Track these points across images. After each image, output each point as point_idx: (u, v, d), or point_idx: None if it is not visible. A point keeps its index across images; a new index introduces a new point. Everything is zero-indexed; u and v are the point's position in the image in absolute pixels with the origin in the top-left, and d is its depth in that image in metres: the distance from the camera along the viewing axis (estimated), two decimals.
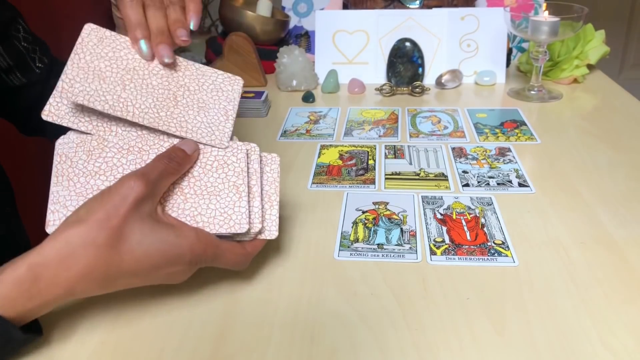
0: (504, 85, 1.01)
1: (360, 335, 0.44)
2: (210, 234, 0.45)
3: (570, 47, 1.00)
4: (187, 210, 0.46)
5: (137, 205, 0.41)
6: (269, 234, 0.49)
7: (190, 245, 0.43)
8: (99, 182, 0.46)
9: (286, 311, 0.47)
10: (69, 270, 0.39)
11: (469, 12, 1.02)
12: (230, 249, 0.46)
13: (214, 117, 0.50)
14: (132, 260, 0.41)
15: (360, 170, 0.71)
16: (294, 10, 1.16)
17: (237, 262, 0.47)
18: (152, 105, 0.48)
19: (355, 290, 0.49)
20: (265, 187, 0.50)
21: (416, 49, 1.00)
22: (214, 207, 0.46)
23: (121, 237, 0.40)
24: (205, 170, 0.48)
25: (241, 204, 0.47)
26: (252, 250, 0.48)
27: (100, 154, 0.47)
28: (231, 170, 0.48)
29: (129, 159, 0.47)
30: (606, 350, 0.42)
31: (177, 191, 0.47)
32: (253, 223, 0.47)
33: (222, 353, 0.43)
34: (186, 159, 0.47)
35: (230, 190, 0.47)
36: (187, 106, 0.49)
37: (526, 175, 0.68)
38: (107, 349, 0.44)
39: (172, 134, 0.48)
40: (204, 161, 0.48)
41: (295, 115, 0.90)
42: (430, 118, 0.87)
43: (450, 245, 0.55)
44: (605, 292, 0.48)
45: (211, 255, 0.45)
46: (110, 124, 0.48)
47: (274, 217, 0.49)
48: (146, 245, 0.41)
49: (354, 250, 0.55)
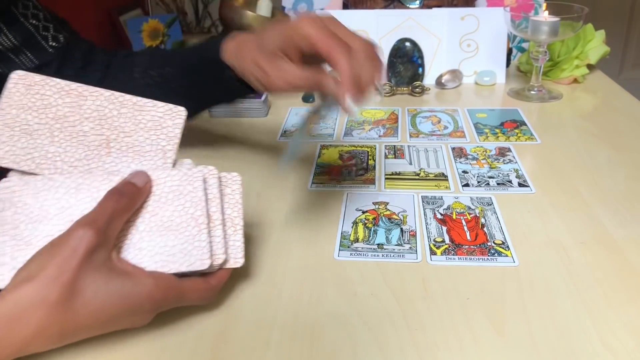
0: (504, 85, 1.01)
1: (360, 335, 0.44)
2: (170, 276, 0.43)
3: (570, 47, 1.00)
4: (144, 250, 0.43)
5: (88, 256, 0.39)
6: (235, 262, 0.46)
7: (149, 293, 0.41)
8: (48, 227, 0.42)
9: (286, 311, 0.47)
10: (21, 332, 0.37)
11: (469, 12, 1.02)
12: (192, 288, 0.44)
13: (150, 161, 0.46)
14: (87, 314, 0.39)
15: (360, 171, 0.71)
16: (294, 10, 1.16)
17: (202, 299, 0.45)
18: (83, 156, 0.46)
19: (355, 290, 0.49)
20: (227, 211, 0.47)
21: (416, 49, 1.00)
22: (172, 243, 0.44)
23: (74, 292, 0.38)
24: (160, 204, 0.44)
25: (201, 238, 0.44)
26: (217, 283, 0.46)
27: (47, 196, 0.43)
28: (188, 201, 0.44)
29: (79, 198, 0.44)
30: (606, 350, 0.42)
31: (132, 229, 0.43)
32: (215, 255, 0.45)
33: (222, 353, 0.43)
34: (138, 194, 0.43)
35: (189, 223, 0.44)
36: (121, 152, 0.46)
37: (526, 175, 0.68)
38: (107, 349, 0.44)
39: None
40: (158, 193, 0.45)
41: (295, 115, 0.90)
42: (430, 118, 0.87)
43: (450, 245, 0.55)
44: (605, 292, 0.48)
45: (173, 298, 0.43)
46: (55, 160, 0.45)
47: (239, 243, 0.47)
48: (101, 297, 0.39)
49: (354, 250, 0.55)
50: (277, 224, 0.60)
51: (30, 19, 0.60)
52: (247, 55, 0.53)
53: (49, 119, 0.46)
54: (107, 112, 0.47)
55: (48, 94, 0.46)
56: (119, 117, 0.47)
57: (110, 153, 0.46)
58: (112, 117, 0.47)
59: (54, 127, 0.46)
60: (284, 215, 0.61)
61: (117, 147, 0.46)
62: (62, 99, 0.46)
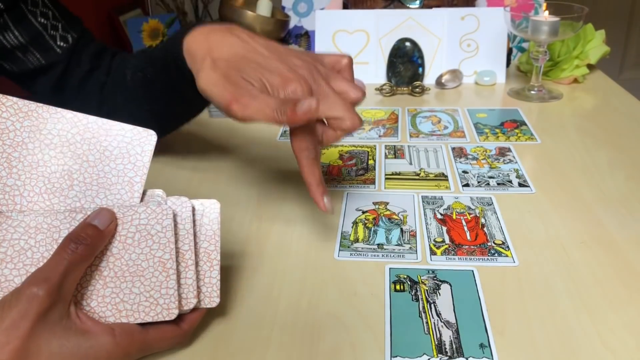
0: (504, 85, 1.01)
1: (360, 335, 0.44)
2: (133, 328, 0.40)
3: (570, 47, 1.00)
4: (107, 298, 0.40)
5: (41, 319, 0.36)
6: (209, 302, 0.43)
7: (108, 352, 0.38)
8: (6, 271, 0.39)
9: (286, 311, 0.47)
10: None
11: (469, 12, 1.02)
12: (160, 337, 0.41)
13: (116, 195, 0.43)
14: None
15: (360, 170, 0.71)
16: (294, 10, 1.16)
17: (171, 345, 0.42)
18: (44, 190, 0.41)
19: (355, 290, 0.49)
20: (203, 245, 0.43)
21: (416, 49, 1.00)
22: (137, 290, 0.40)
23: (26, 358, 0.35)
24: (126, 246, 0.40)
25: (169, 285, 0.40)
26: (189, 327, 0.43)
27: (4, 237, 0.39)
28: (156, 243, 0.40)
29: (38, 239, 0.40)
30: (606, 350, 0.42)
31: (95, 274, 0.40)
32: (186, 299, 0.41)
33: (222, 353, 0.43)
34: (98, 238, 0.39)
35: (156, 268, 0.40)
36: (84, 185, 0.42)
37: (526, 175, 0.68)
38: None
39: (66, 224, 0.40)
40: (123, 233, 0.40)
41: None
42: (430, 118, 0.87)
43: (450, 245, 0.55)
44: (605, 292, 0.48)
45: (136, 352, 0.40)
46: (13, 195, 0.41)
47: (215, 281, 0.43)
48: (58, 358, 0.36)
49: (354, 250, 0.55)
50: (277, 224, 0.60)
51: (39, 17, 0.58)
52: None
53: (7, 146, 0.41)
54: (69, 138, 0.42)
55: (5, 117, 0.41)
56: (82, 144, 0.43)
57: (73, 186, 0.42)
58: (74, 144, 0.43)
59: (12, 155, 0.41)
60: (284, 215, 0.61)
61: (80, 179, 0.42)
62: (21, 122, 0.42)
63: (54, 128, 0.42)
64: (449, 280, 0.50)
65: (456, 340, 0.43)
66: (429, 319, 0.45)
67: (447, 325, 0.45)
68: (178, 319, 0.42)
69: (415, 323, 0.45)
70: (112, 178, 0.43)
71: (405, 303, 0.47)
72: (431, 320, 0.45)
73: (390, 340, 0.43)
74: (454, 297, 0.48)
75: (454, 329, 0.44)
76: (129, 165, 0.43)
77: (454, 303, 0.47)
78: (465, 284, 0.49)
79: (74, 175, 0.42)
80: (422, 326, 0.45)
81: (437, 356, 0.42)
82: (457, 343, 0.43)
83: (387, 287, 0.49)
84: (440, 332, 0.44)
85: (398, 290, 0.49)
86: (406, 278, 0.50)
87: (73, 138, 0.43)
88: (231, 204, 0.64)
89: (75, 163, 0.42)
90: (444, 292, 0.48)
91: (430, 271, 0.51)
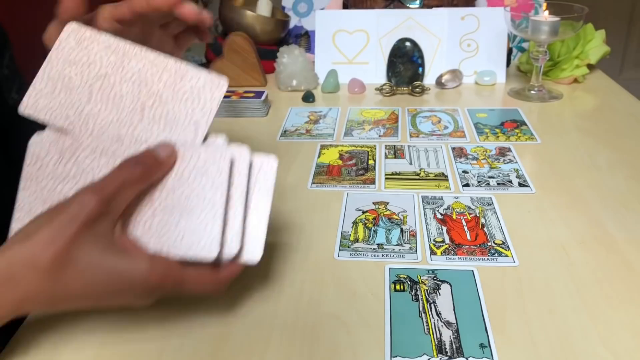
0: (504, 85, 1.01)
1: (360, 335, 0.44)
2: (172, 263, 0.40)
3: (570, 47, 1.00)
4: (153, 227, 0.41)
5: (88, 226, 0.37)
6: (250, 256, 0.43)
7: (142, 277, 0.39)
8: (66, 187, 0.42)
9: (286, 311, 0.47)
10: (12, 293, 0.36)
11: (469, 12, 1.02)
12: (197, 278, 0.41)
13: (180, 134, 0.44)
14: (78, 287, 0.37)
15: (360, 170, 0.71)
16: (294, 10, 1.16)
17: (207, 291, 0.42)
18: (115, 120, 0.44)
19: (355, 290, 0.49)
20: (254, 197, 0.44)
21: (416, 49, 1.00)
22: (183, 226, 0.41)
23: (67, 261, 0.37)
24: (181, 181, 0.42)
25: (214, 225, 0.41)
26: (228, 277, 0.42)
27: (71, 156, 0.43)
28: (209, 183, 0.42)
29: (101, 162, 0.43)
30: (606, 350, 0.42)
31: (147, 202, 0.41)
32: (230, 245, 0.42)
33: (222, 353, 0.43)
34: (156, 167, 0.41)
35: (205, 207, 0.41)
36: (152, 120, 0.44)
37: (526, 175, 0.68)
38: (107, 350, 0.44)
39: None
40: (181, 170, 0.42)
41: (295, 115, 0.90)
42: (430, 118, 0.87)
43: (450, 245, 0.55)
44: (605, 292, 0.48)
45: (170, 286, 0.40)
46: (87, 120, 0.44)
47: (260, 236, 0.43)
48: (93, 272, 0.37)
49: (354, 250, 0.55)
50: (277, 224, 0.60)
51: (4, 69, 0.59)
52: None
53: (90, 76, 0.45)
54: (147, 77, 0.45)
55: (95, 51, 0.45)
56: (158, 83, 0.45)
57: (143, 120, 0.45)
58: (151, 82, 0.45)
59: (94, 85, 0.45)
60: (284, 215, 0.61)
61: (150, 114, 0.45)
62: (107, 57, 0.45)
63: (136, 66, 0.45)
64: (449, 280, 0.50)
65: (456, 340, 0.43)
66: (429, 319, 0.45)
67: (447, 325, 0.45)
68: (217, 267, 0.42)
69: (415, 323, 0.45)
70: (180, 118, 0.45)
71: (405, 303, 0.47)
72: (431, 320, 0.45)
73: (390, 340, 0.43)
74: (454, 297, 0.48)
75: (454, 329, 0.44)
76: (197, 109, 0.45)
77: (454, 303, 0.47)
78: (465, 284, 0.49)
79: (145, 110, 0.45)
80: (422, 326, 0.45)
81: (437, 356, 0.42)
82: (457, 343, 0.43)
83: (387, 287, 0.49)
84: (440, 332, 0.44)
85: (398, 290, 0.49)
86: (406, 278, 0.50)
87: (151, 77, 0.45)
88: None
89: (149, 99, 0.45)
90: (444, 292, 0.48)
91: (430, 271, 0.51)
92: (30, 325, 0.46)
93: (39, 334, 0.45)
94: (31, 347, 0.44)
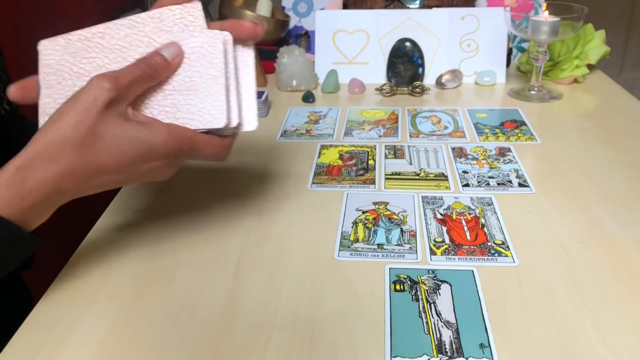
0: (504, 85, 1.01)
1: (360, 335, 0.44)
2: (185, 128, 0.46)
3: (570, 47, 1.00)
4: (167, 107, 0.47)
5: (107, 107, 0.43)
6: (249, 125, 0.49)
7: (164, 140, 0.45)
8: (83, 83, 0.45)
9: (286, 311, 0.47)
10: (52, 170, 0.42)
11: (469, 12, 1.02)
12: (207, 142, 0.48)
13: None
14: (109, 158, 0.44)
15: (360, 170, 0.71)
16: (294, 10, 1.16)
17: (216, 154, 0.49)
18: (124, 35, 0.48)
19: (355, 290, 0.49)
20: (242, 77, 0.50)
21: (416, 49, 1.00)
22: (193, 102, 0.47)
23: (95, 137, 0.43)
24: (185, 65, 0.47)
25: (219, 98, 0.47)
26: (231, 141, 0.50)
27: (84, 55, 0.47)
28: (208, 62, 0.47)
29: (111, 57, 0.47)
30: (606, 350, 0.42)
31: (158, 88, 0.47)
32: (232, 117, 0.47)
33: (222, 353, 0.43)
34: (164, 66, 0.46)
35: (208, 84, 0.47)
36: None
37: (526, 175, 0.68)
38: (107, 350, 0.44)
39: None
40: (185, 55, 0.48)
41: (295, 115, 0.90)
42: (430, 118, 0.87)
43: (450, 245, 0.55)
44: (605, 292, 0.48)
45: (188, 148, 0.46)
46: (97, 27, 0.48)
47: (253, 108, 0.49)
48: (119, 143, 0.44)
49: (354, 250, 0.55)
50: (277, 224, 0.60)
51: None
52: None
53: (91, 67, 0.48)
54: (134, 38, 0.48)
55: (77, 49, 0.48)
56: (147, 35, 0.48)
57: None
58: (140, 40, 0.48)
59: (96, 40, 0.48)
60: (284, 215, 0.61)
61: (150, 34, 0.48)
62: (95, 52, 0.48)
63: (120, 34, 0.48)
64: (449, 280, 0.50)
65: (456, 340, 0.43)
66: (429, 319, 0.45)
67: (447, 325, 0.45)
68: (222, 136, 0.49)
69: (415, 323, 0.45)
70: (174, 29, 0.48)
71: (405, 303, 0.47)
72: (431, 320, 0.45)
73: (390, 340, 0.43)
74: (454, 297, 0.48)
75: (454, 329, 0.44)
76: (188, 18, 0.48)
77: (454, 303, 0.47)
78: (465, 284, 0.49)
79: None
80: (422, 326, 0.45)
81: (437, 356, 0.42)
82: (457, 343, 0.43)
83: (387, 287, 0.49)
84: (440, 332, 0.44)
85: (398, 290, 0.49)
86: (406, 278, 0.50)
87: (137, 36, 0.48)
88: (231, 203, 0.64)
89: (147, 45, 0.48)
90: (444, 292, 0.48)
91: (430, 271, 0.51)
92: (30, 325, 0.46)
93: (39, 334, 0.45)
94: (31, 347, 0.44)
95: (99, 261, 0.54)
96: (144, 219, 0.61)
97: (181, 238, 0.58)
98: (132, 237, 0.58)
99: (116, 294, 0.50)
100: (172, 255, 0.55)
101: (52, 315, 0.47)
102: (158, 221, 0.61)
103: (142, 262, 0.54)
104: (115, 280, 0.52)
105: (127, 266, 0.54)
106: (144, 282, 0.51)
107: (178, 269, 0.53)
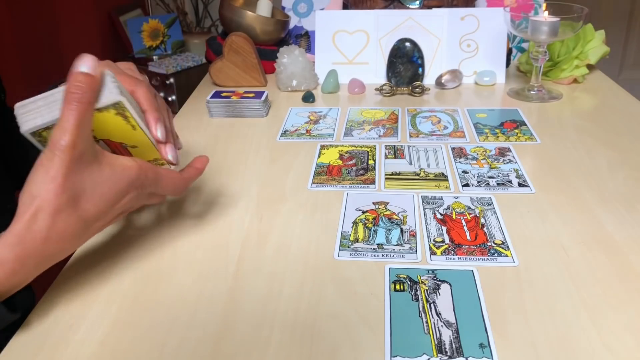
0: (504, 85, 1.01)
1: (360, 335, 0.44)
2: (148, 163, 0.48)
3: (570, 47, 1.00)
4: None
5: (76, 159, 0.42)
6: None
7: (137, 173, 0.46)
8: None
9: (286, 311, 0.47)
10: (56, 242, 0.43)
11: (469, 12, 1.02)
12: (167, 174, 0.50)
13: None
14: (93, 206, 0.45)
15: (360, 170, 0.71)
16: (294, 10, 1.16)
17: (176, 186, 0.51)
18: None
19: (355, 290, 0.49)
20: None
21: (416, 49, 1.00)
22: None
23: (76, 194, 0.43)
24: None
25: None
26: (189, 177, 0.53)
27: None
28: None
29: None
30: (606, 350, 0.42)
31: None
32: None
33: (222, 353, 0.43)
34: (92, 81, 0.44)
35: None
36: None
37: (526, 175, 0.68)
38: (107, 349, 0.44)
39: None
40: None
41: (295, 115, 0.90)
42: (430, 118, 0.87)
43: (450, 245, 0.55)
44: (605, 292, 0.48)
45: (152, 178, 0.48)
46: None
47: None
48: (100, 185, 0.44)
49: (354, 250, 0.55)
50: (277, 224, 0.60)
51: None
52: None
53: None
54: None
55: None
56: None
57: None
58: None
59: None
60: (284, 215, 0.61)
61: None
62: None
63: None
64: (449, 280, 0.50)
65: (456, 340, 0.43)
66: (429, 318, 0.45)
67: (447, 325, 0.45)
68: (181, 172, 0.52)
69: (415, 323, 0.45)
70: None
71: (405, 303, 0.47)
72: (431, 320, 0.45)
73: (390, 340, 0.43)
74: (453, 297, 0.48)
75: (454, 329, 0.44)
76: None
77: (453, 303, 0.47)
78: (465, 283, 0.49)
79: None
80: (422, 326, 0.45)
81: (437, 356, 0.42)
82: (457, 343, 0.43)
83: (387, 287, 0.49)
84: (440, 332, 0.44)
85: (398, 290, 0.49)
86: (406, 278, 0.50)
87: None
88: (231, 204, 0.64)
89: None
90: (443, 292, 0.48)
91: (430, 271, 0.51)
92: (30, 325, 0.46)
93: (39, 334, 0.45)
94: (31, 347, 0.44)
95: (99, 261, 0.54)
96: (144, 219, 0.61)
97: (181, 238, 0.58)
98: (132, 237, 0.58)
99: (116, 294, 0.50)
100: (172, 255, 0.55)
101: (53, 315, 0.47)
102: (158, 221, 0.61)
103: (142, 262, 0.54)
104: (115, 280, 0.52)
105: (127, 266, 0.54)
106: (144, 282, 0.51)
107: (178, 269, 0.53)
